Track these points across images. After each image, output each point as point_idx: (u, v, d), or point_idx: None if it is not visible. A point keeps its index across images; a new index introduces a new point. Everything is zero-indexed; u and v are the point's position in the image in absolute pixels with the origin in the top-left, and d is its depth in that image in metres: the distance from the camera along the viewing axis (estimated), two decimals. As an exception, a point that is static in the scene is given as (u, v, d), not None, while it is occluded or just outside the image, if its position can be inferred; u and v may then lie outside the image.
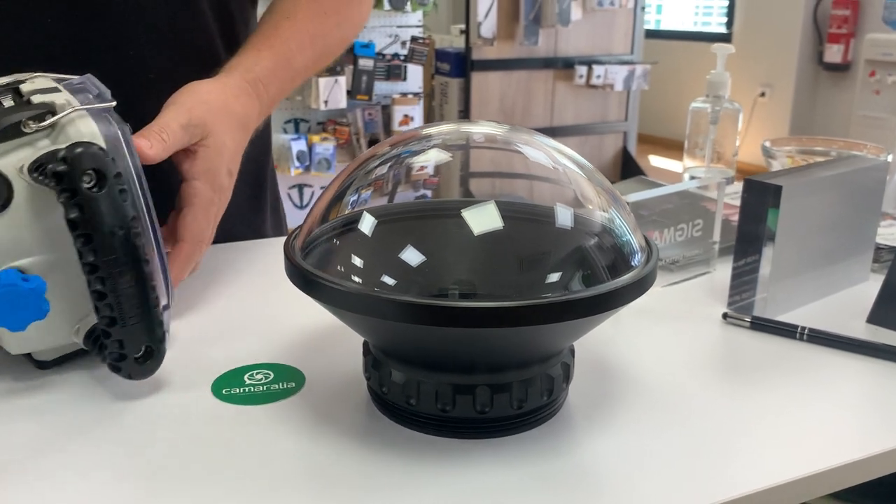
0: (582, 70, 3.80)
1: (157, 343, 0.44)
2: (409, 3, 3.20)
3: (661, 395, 0.47)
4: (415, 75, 3.35)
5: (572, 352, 0.45)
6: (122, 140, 0.45)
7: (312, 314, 0.56)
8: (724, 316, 0.58)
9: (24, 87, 0.46)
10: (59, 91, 0.45)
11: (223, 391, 0.46)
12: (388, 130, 3.34)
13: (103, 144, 0.43)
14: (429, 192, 0.45)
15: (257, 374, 0.48)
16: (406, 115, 3.32)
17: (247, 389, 0.46)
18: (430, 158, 0.45)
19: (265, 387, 0.47)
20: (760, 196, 0.57)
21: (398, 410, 0.43)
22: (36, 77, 0.48)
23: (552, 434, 0.43)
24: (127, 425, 0.43)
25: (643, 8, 3.99)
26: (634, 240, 0.43)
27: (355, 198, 0.44)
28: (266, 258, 0.69)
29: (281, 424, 0.43)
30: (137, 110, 0.52)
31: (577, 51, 3.83)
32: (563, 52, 3.80)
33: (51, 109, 0.43)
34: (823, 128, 4.49)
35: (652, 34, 4.72)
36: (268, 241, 0.75)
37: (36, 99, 0.44)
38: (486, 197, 0.42)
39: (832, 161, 0.67)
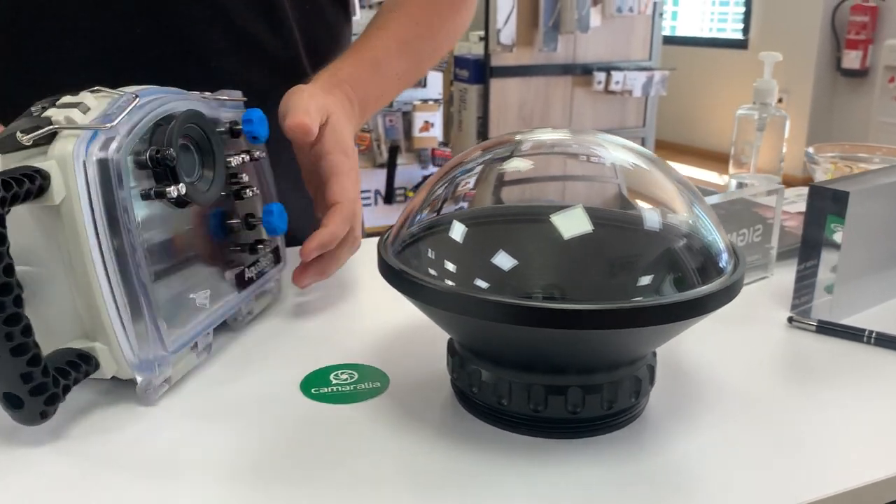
0: (600, 76, 3.81)
1: (25, 394, 0.40)
2: (429, 10, 3.22)
3: (737, 397, 0.48)
4: (435, 82, 3.37)
5: (654, 354, 0.46)
6: (112, 168, 0.42)
7: (391, 315, 0.58)
8: (790, 320, 0.59)
9: (60, 101, 0.45)
10: (76, 107, 0.43)
11: (312, 390, 0.47)
12: (408, 136, 3.36)
13: (74, 165, 0.40)
14: (517, 197, 0.46)
15: (342, 374, 0.49)
16: (426, 122, 3.34)
17: (334, 389, 0.47)
18: (519, 164, 0.46)
19: (352, 386, 0.48)
20: (826, 202, 0.58)
21: (488, 410, 0.44)
22: (92, 91, 0.46)
23: (639, 434, 0.44)
24: (219, 422, 0.44)
25: (661, 14, 3.99)
26: (721, 240, 0.44)
27: (447, 200, 0.45)
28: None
29: (372, 423, 0.44)
30: None
31: (595, 57, 3.83)
32: (581, 58, 3.81)
33: (41, 124, 0.42)
34: (841, 134, 4.48)
35: (667, 40, 4.73)
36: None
37: (47, 113, 0.43)
38: (574, 201, 0.43)
39: (891, 168, 0.68)
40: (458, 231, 0.43)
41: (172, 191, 0.45)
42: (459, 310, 0.39)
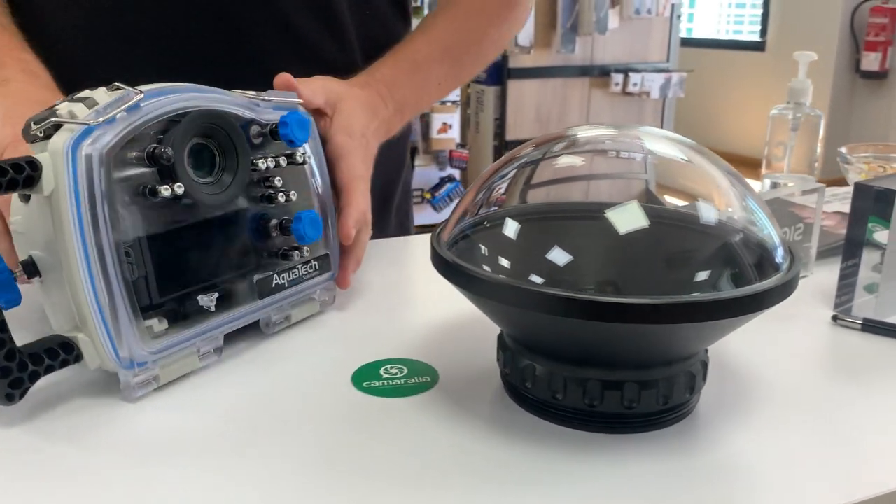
0: (618, 78, 3.81)
1: None
2: (448, 12, 3.23)
3: (786, 395, 0.48)
4: (452, 83, 3.38)
5: (706, 351, 0.46)
6: (95, 164, 0.42)
7: (437, 311, 0.59)
8: (834, 318, 0.58)
9: (77, 95, 0.45)
10: (84, 101, 0.44)
11: (363, 384, 0.48)
12: (426, 138, 3.36)
13: (63, 159, 0.41)
14: (570, 192, 0.46)
15: (392, 368, 0.50)
16: (444, 123, 3.34)
17: (385, 383, 0.48)
18: (570, 160, 0.46)
19: (402, 380, 0.48)
20: (871, 201, 0.58)
21: (540, 405, 0.44)
22: (109, 86, 0.46)
23: (692, 430, 0.44)
24: (274, 414, 0.45)
25: (678, 16, 3.98)
26: (776, 235, 0.44)
27: (500, 197, 0.45)
28: (391, 257, 0.71)
29: (424, 416, 0.45)
30: None
31: (613, 58, 3.83)
32: (599, 59, 3.81)
33: (49, 116, 0.43)
34: (860, 136, 4.45)
35: (683, 42, 4.72)
36: (388, 240, 0.77)
37: (58, 105, 0.44)
38: (627, 197, 0.43)
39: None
40: (512, 227, 0.43)
41: (165, 190, 0.44)
42: (520, 303, 0.39)
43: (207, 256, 0.49)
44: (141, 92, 0.45)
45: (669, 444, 0.42)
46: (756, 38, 5.17)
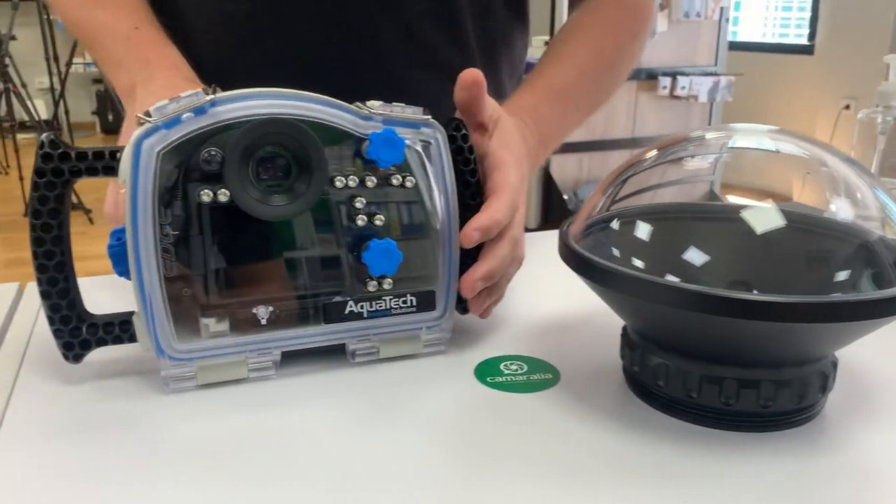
0: (666, 81, 3.78)
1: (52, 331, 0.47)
2: (496, 14, 3.24)
3: (909, 398, 0.48)
4: (500, 85, 3.38)
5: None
6: (145, 160, 0.44)
7: (553, 308, 0.59)
8: (947, 323, 0.58)
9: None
10: (174, 101, 0.45)
11: (487, 378, 0.48)
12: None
13: (130, 150, 0.44)
14: (698, 192, 0.46)
15: (511, 364, 0.50)
16: (492, 125, 3.34)
17: (508, 378, 0.48)
18: (697, 163, 0.47)
19: (524, 377, 0.49)
20: None
21: (672, 403, 0.44)
22: (205, 88, 0.46)
23: (822, 430, 0.44)
24: (403, 406, 0.46)
25: (727, 20, 3.94)
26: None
27: (627, 195, 0.46)
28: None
29: (549, 411, 0.45)
30: None
31: (660, 62, 3.80)
32: (646, 63, 3.78)
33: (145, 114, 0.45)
34: (914, 142, 4.36)
35: (730, 46, 4.66)
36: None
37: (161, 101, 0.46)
38: (757, 199, 0.43)
39: None
40: (644, 224, 0.44)
41: (205, 195, 0.45)
42: (665, 300, 0.39)
43: (273, 269, 0.48)
44: (212, 96, 0.45)
45: (801, 444, 0.42)
46: (804, 41, 5.09)
